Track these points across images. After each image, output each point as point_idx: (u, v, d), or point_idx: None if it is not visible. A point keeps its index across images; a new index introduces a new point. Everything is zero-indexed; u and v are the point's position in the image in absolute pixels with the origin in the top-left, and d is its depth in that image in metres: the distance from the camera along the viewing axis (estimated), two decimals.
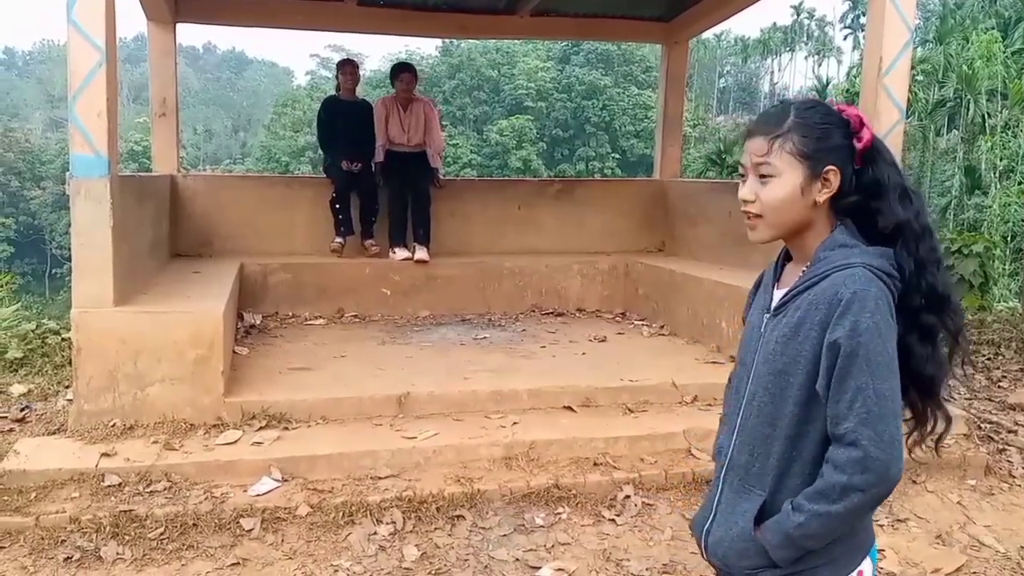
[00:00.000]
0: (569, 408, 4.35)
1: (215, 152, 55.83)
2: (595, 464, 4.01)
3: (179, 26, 6.46)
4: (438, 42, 57.68)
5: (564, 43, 57.14)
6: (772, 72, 62.24)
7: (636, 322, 6.26)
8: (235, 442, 3.95)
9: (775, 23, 57.31)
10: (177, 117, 6.51)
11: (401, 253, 6.52)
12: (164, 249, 5.92)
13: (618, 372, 4.80)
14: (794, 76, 63.69)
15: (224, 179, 6.97)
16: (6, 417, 4.28)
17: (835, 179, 1.51)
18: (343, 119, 6.46)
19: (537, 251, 6.90)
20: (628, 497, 3.83)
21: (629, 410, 4.49)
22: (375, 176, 6.62)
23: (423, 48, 51.10)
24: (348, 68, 6.57)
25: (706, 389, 4.71)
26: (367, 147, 6.51)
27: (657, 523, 3.66)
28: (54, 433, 4.04)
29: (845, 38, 59.58)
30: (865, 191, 1.52)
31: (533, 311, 6.55)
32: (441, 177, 6.94)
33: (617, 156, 46.55)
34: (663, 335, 5.88)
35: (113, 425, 4.01)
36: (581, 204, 7.13)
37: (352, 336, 5.70)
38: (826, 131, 1.52)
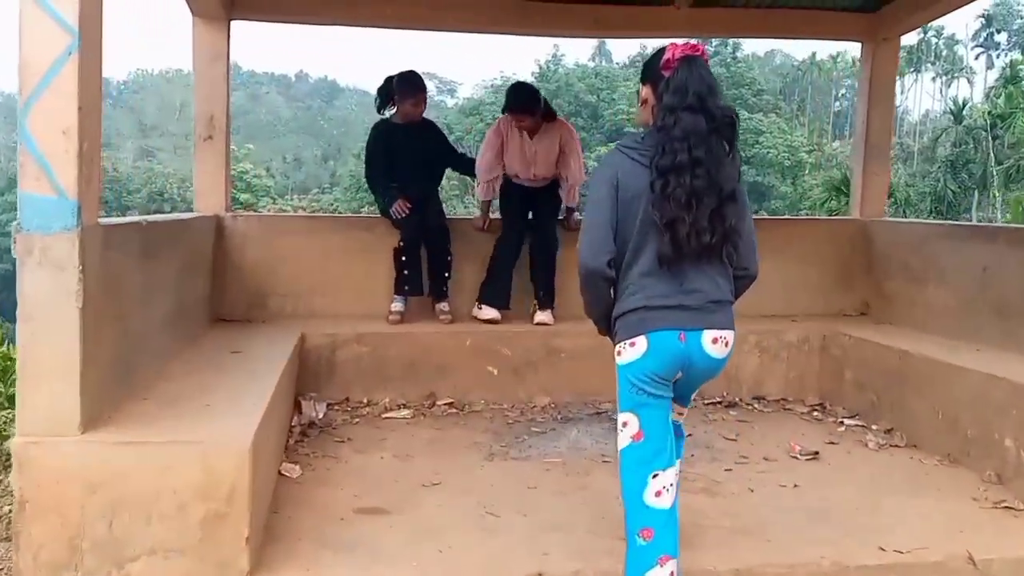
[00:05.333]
0: None
1: (304, 181, 56.00)
2: None
3: (238, 28, 5.07)
4: (534, 67, 56.90)
5: None
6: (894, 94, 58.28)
7: (846, 421, 4.42)
8: None
9: None
10: (227, 141, 5.09)
11: (488, 314, 4.93)
12: (198, 316, 4.46)
13: (865, 529, 3.01)
14: (920, 98, 59.49)
15: (285, 220, 5.47)
16: None
17: (643, 92, 2.48)
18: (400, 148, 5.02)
19: None
20: None
21: None
22: (443, 216, 5.14)
23: (519, 73, 50.11)
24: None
25: (1021, 567, 2.88)
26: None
27: None
28: None
29: (977, 57, 55.62)
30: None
31: (693, 399, 4.79)
32: (571, 217, 5.31)
33: None
34: (897, 447, 4.01)
35: None
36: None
37: (447, 441, 4.08)
38: (648, 62, 2.49)
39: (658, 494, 2.36)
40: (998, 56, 53.61)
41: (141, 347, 3.29)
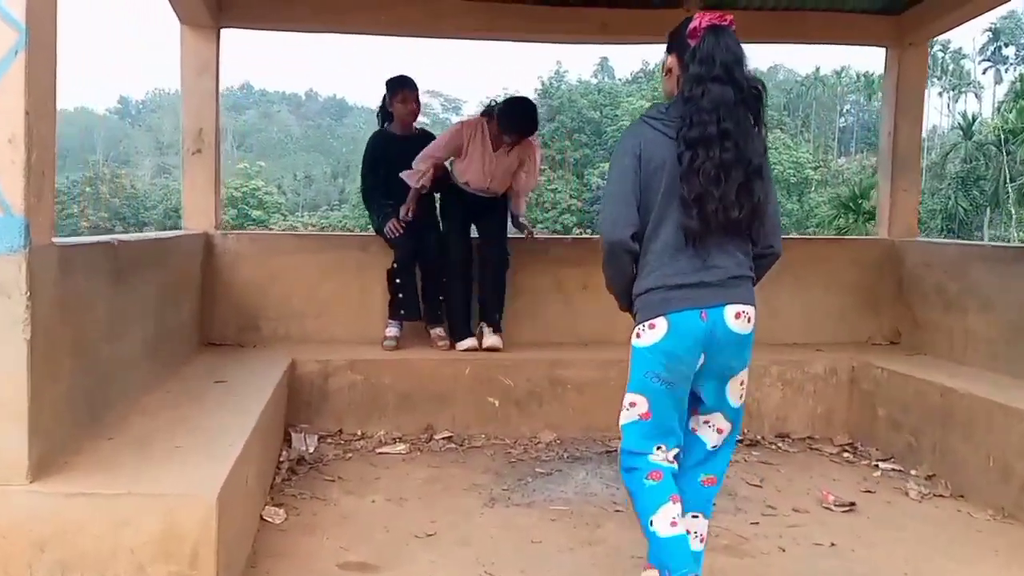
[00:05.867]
0: None
1: (314, 198, 56.56)
2: None
3: (227, 34, 4.78)
4: (537, 83, 56.82)
5: None
6: None
7: (881, 465, 4.06)
8: None
9: None
10: (217, 155, 4.78)
11: (464, 344, 4.63)
12: (183, 342, 4.14)
13: None
14: (928, 113, 59.12)
15: (277, 238, 5.12)
16: None
17: (668, 62, 2.38)
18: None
19: None
20: None
21: None
22: (436, 228, 4.76)
23: (522, 90, 50.12)
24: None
25: None
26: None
27: None
28: None
29: (984, 72, 55.19)
30: None
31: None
32: (527, 224, 4.97)
33: None
34: (942, 498, 3.64)
35: None
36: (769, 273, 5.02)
37: (444, 482, 3.74)
38: (675, 31, 2.37)
39: (662, 459, 2.30)
40: (1006, 70, 53.29)
41: (110, 380, 2.98)
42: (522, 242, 4.97)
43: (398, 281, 4.58)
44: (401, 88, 4.68)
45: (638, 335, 2.29)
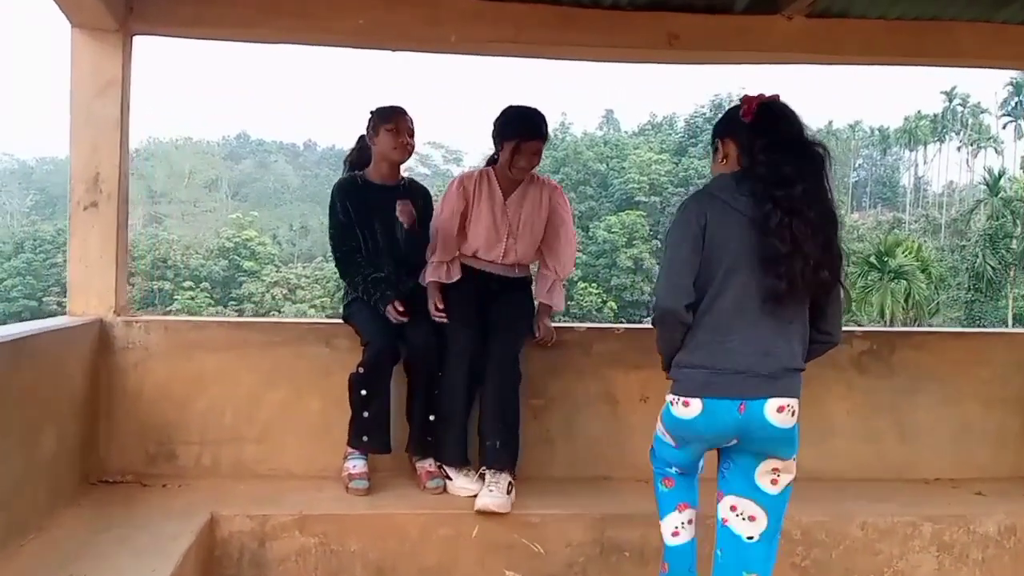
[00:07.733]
0: None
1: (310, 249, 55.98)
2: None
3: (148, 45, 3.47)
4: None
5: (679, 135, 53.59)
6: (916, 164, 56.82)
7: None
8: None
9: (919, 111, 52.74)
10: (122, 211, 3.41)
11: (463, 484, 3.18)
12: (41, 490, 2.68)
13: None
14: (946, 168, 58.18)
15: (206, 328, 3.46)
16: None
17: (723, 148, 2.36)
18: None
19: (823, 477, 3.32)
20: None
21: None
22: (431, 327, 3.27)
23: None
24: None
25: None
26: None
27: None
28: None
29: (1004, 127, 54.63)
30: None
31: None
32: (549, 328, 3.43)
33: None
34: None
35: None
36: (893, 378, 3.59)
37: None
38: (722, 118, 2.46)
39: (675, 533, 2.39)
40: None
41: None
42: (557, 334, 3.55)
43: (363, 393, 3.12)
44: (391, 115, 3.28)
45: (671, 403, 2.27)
